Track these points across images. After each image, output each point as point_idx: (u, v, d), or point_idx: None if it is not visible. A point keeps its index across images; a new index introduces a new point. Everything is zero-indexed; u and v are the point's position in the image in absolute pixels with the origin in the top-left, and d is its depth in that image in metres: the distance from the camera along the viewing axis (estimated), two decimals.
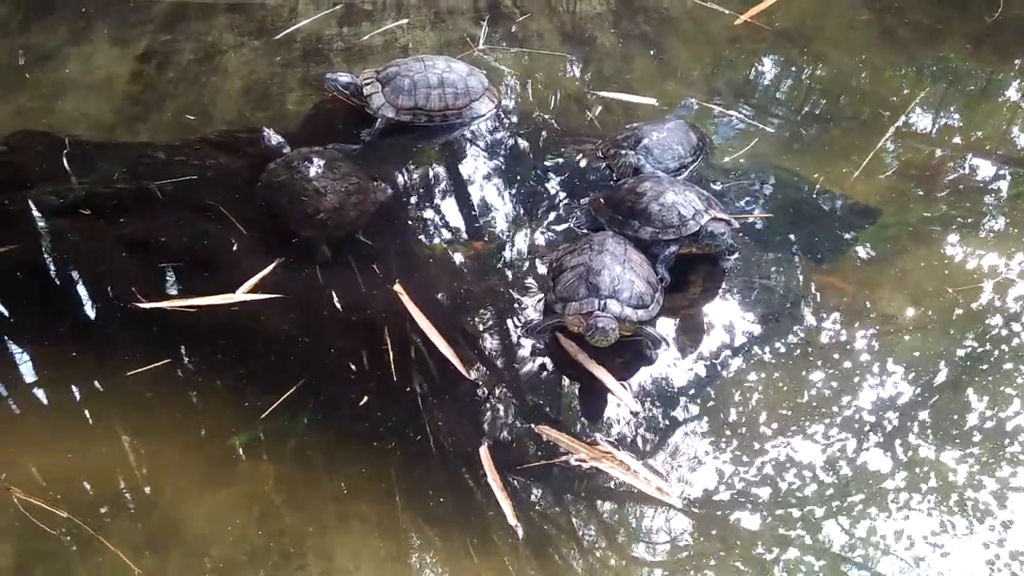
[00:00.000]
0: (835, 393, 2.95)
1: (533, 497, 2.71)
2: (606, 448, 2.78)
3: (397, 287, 3.24)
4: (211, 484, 2.71)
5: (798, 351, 3.09)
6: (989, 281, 3.30)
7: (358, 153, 3.93)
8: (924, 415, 2.88)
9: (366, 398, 2.92)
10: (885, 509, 2.62)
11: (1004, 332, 3.13)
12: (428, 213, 3.76)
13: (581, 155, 3.97)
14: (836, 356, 3.06)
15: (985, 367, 3.01)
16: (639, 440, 2.83)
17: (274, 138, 3.76)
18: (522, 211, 3.75)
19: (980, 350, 3.07)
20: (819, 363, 3.04)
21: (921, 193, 3.72)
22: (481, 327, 3.24)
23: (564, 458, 2.76)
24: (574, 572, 2.52)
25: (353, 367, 3.05)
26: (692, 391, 2.98)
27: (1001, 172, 3.84)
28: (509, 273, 3.43)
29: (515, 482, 2.72)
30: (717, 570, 2.49)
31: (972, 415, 2.87)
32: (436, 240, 3.61)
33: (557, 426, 2.86)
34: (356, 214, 3.50)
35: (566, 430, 2.84)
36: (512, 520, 2.59)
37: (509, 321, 3.24)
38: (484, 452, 2.77)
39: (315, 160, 3.54)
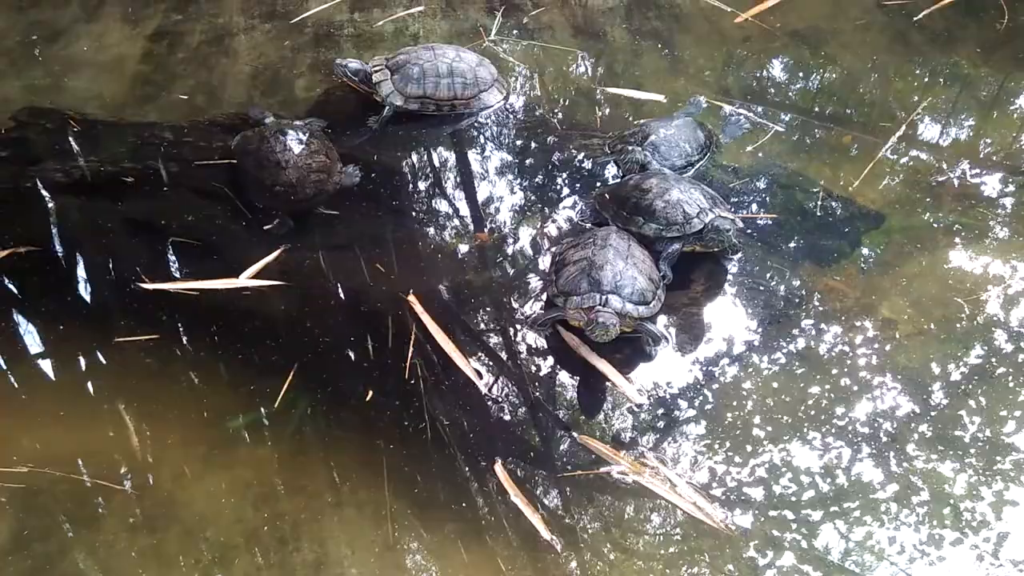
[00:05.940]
0: (833, 398, 2.96)
1: (550, 500, 2.71)
2: (652, 462, 2.75)
3: (411, 298, 3.21)
4: (210, 466, 2.73)
5: (798, 354, 3.10)
6: (994, 290, 3.29)
7: (365, 138, 3.94)
8: (924, 424, 2.88)
9: (370, 391, 2.93)
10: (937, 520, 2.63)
11: (1008, 341, 3.12)
12: (432, 203, 3.76)
13: (588, 150, 3.96)
14: (835, 360, 3.07)
15: (988, 376, 3.01)
16: (638, 438, 2.84)
17: (255, 110, 3.88)
18: (527, 204, 3.75)
19: (983, 359, 3.06)
20: (818, 367, 3.05)
21: (928, 200, 3.71)
22: (483, 320, 3.25)
23: (606, 469, 2.74)
24: (565, 564, 2.54)
25: (355, 357, 3.06)
26: (696, 388, 2.98)
27: (1009, 181, 3.82)
28: (512, 266, 3.44)
29: (521, 481, 2.74)
30: None
31: (972, 424, 2.87)
32: (440, 230, 3.61)
33: (585, 430, 2.85)
34: (313, 192, 3.51)
35: (587, 432, 2.84)
36: (547, 535, 2.57)
37: (511, 314, 3.24)
38: (500, 468, 2.74)
39: (289, 133, 3.55)
